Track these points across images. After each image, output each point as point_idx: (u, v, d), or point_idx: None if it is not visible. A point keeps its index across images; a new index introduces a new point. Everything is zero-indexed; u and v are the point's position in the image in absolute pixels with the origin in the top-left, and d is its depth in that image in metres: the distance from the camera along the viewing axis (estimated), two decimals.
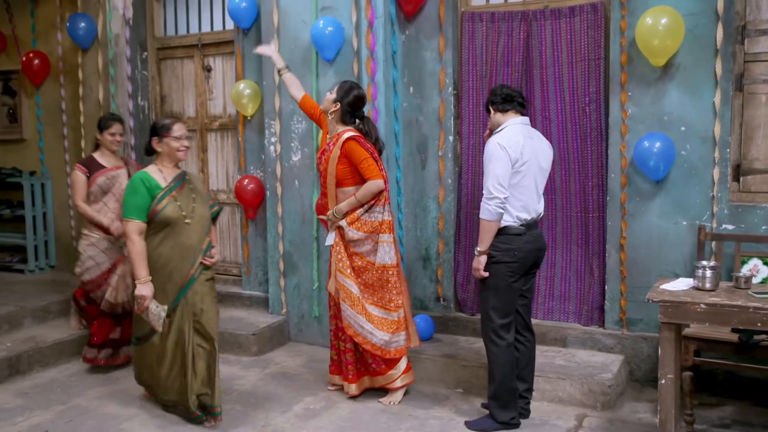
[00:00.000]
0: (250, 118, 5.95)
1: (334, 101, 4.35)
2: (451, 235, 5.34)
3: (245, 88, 5.78)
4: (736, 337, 3.77)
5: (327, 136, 4.48)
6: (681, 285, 3.54)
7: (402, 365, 4.43)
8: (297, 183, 5.52)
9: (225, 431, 4.07)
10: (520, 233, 3.85)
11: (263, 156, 5.85)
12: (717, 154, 4.43)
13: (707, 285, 3.44)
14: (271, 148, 5.64)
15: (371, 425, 4.11)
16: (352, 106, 4.34)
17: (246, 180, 5.90)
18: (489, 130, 4.06)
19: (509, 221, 3.83)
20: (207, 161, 6.53)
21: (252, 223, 6.08)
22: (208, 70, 6.45)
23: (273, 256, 5.73)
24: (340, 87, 4.37)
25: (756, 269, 4.28)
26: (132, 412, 4.35)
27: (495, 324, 3.89)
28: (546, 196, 4.87)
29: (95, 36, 6.52)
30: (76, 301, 5.42)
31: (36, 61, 6.91)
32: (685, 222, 4.54)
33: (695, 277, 3.49)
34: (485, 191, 3.77)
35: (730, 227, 4.44)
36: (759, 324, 3.18)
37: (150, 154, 4.12)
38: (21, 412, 4.37)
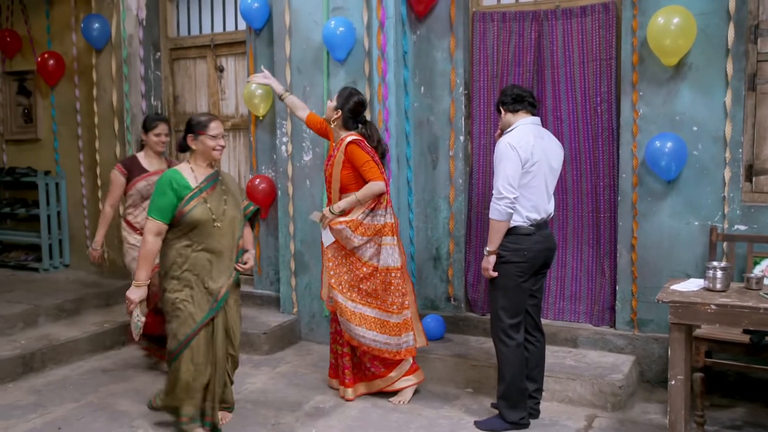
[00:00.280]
0: (261, 118, 5.98)
1: (335, 109, 4.38)
2: (462, 235, 5.34)
3: (257, 88, 5.80)
4: (747, 339, 3.75)
5: (333, 144, 4.51)
6: (691, 286, 3.52)
7: (404, 367, 4.43)
8: (308, 183, 5.54)
9: (235, 429, 4.09)
10: (529, 233, 3.84)
11: (275, 156, 5.88)
12: (728, 154, 4.40)
13: (718, 286, 3.42)
14: (283, 148, 5.67)
15: (380, 425, 4.12)
16: (353, 111, 4.37)
17: (257, 180, 5.93)
18: (500, 130, 4.06)
19: (519, 221, 3.83)
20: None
21: (263, 223, 6.11)
22: (220, 70, 6.49)
23: (284, 255, 5.76)
24: (339, 95, 4.41)
25: None
26: (144, 409, 4.37)
27: (504, 324, 3.89)
28: (557, 196, 4.87)
29: (109, 37, 6.59)
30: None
31: (51, 62, 6.98)
32: (697, 222, 4.52)
33: (706, 278, 3.47)
34: (495, 191, 3.77)
35: (742, 228, 4.41)
36: None
37: (184, 150, 3.90)
38: (34, 409, 4.41)
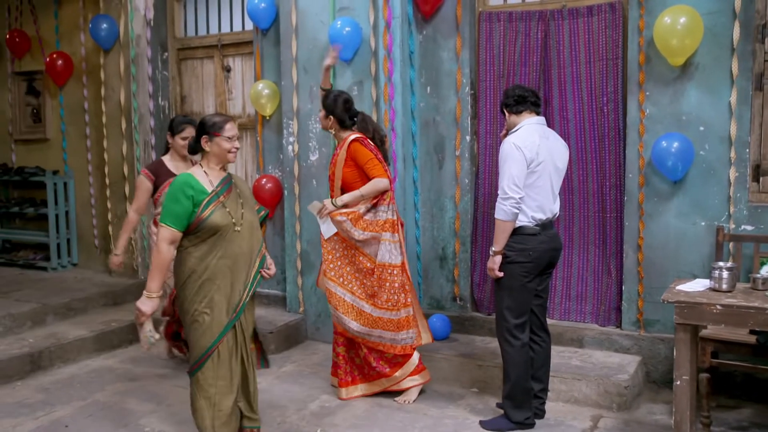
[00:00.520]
0: (268, 117, 5.99)
1: (326, 116, 4.41)
2: (468, 235, 5.34)
3: (264, 88, 5.83)
4: (753, 339, 3.73)
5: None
6: (697, 286, 3.52)
7: (410, 367, 4.43)
8: (315, 182, 5.56)
9: None
10: (535, 233, 3.84)
11: (281, 155, 5.89)
12: (733, 154, 4.39)
13: (724, 286, 3.41)
14: (289, 147, 5.68)
15: (386, 424, 4.13)
16: (345, 110, 4.39)
17: (264, 179, 5.95)
18: (505, 130, 4.06)
19: (524, 221, 3.82)
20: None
21: (270, 222, 6.12)
22: (227, 70, 6.51)
23: (290, 254, 5.77)
24: (323, 103, 4.43)
25: None
26: (151, 407, 4.41)
27: (509, 324, 3.89)
28: (563, 196, 4.87)
29: (117, 37, 6.63)
30: (168, 327, 4.92)
31: (59, 62, 7.02)
32: (704, 223, 4.51)
33: (712, 278, 3.46)
34: (500, 191, 3.77)
35: (749, 228, 4.40)
36: None
37: (194, 152, 3.68)
38: (42, 407, 4.44)
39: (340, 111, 4.37)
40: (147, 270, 6.72)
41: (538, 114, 3.97)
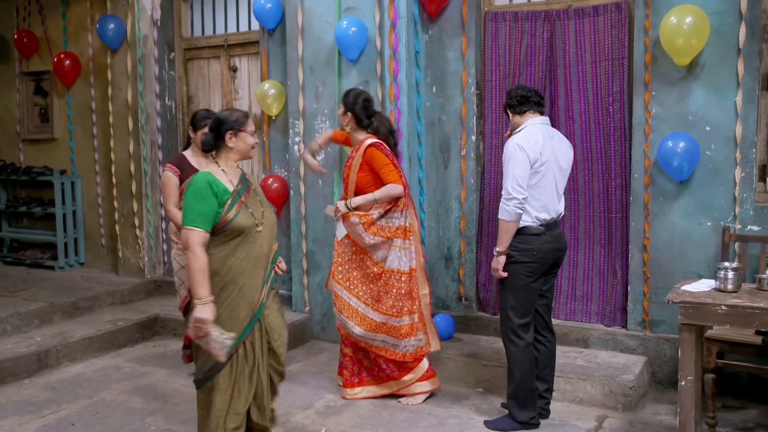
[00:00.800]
0: (274, 117, 6.01)
1: (344, 113, 4.40)
2: (473, 235, 5.34)
3: (270, 88, 5.84)
4: (759, 340, 3.73)
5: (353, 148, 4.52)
6: (702, 286, 3.50)
7: (419, 372, 4.42)
8: (320, 182, 5.57)
9: None
10: (539, 233, 3.84)
11: (287, 155, 5.91)
12: (739, 154, 4.37)
13: (729, 286, 3.40)
14: (295, 147, 5.69)
15: (390, 423, 4.13)
16: (364, 109, 4.38)
17: (270, 179, 5.96)
18: (510, 130, 4.05)
19: (528, 221, 3.82)
20: None
21: (276, 222, 6.12)
22: (233, 70, 6.53)
23: (296, 254, 5.79)
24: (344, 100, 4.43)
25: None
26: (156, 406, 4.43)
27: (514, 324, 3.89)
28: (569, 196, 4.87)
29: (124, 37, 6.66)
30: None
31: (67, 62, 7.06)
32: (710, 223, 4.50)
33: (717, 279, 3.45)
34: (504, 192, 3.77)
35: (755, 228, 4.38)
36: None
37: (210, 150, 3.47)
38: (48, 405, 4.47)
39: (359, 109, 4.36)
40: (153, 269, 6.80)
41: (541, 114, 3.96)
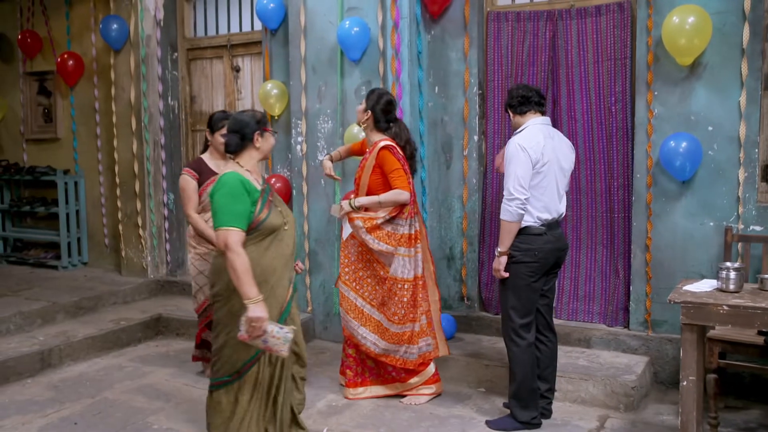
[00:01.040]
0: (277, 117, 6.01)
1: (365, 110, 4.37)
2: (476, 235, 5.34)
3: (273, 88, 5.84)
4: (761, 340, 3.72)
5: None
6: (704, 286, 3.50)
7: (425, 376, 4.43)
8: (323, 182, 5.57)
9: None
10: (540, 233, 3.84)
11: (290, 155, 5.91)
12: (743, 154, 4.37)
13: (731, 286, 3.40)
14: (298, 147, 5.70)
15: (392, 423, 4.14)
16: (384, 111, 4.36)
17: (273, 179, 5.96)
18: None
19: (530, 221, 3.82)
20: None
21: None
22: (236, 70, 6.54)
23: (299, 254, 5.79)
24: (368, 97, 4.40)
25: None
26: (158, 405, 4.43)
27: (515, 324, 3.89)
28: (571, 196, 4.87)
29: (127, 37, 6.67)
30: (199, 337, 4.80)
31: (70, 62, 7.08)
32: (712, 223, 4.49)
33: (719, 279, 3.45)
34: (506, 192, 3.77)
35: (757, 229, 4.38)
36: None
37: (235, 152, 3.39)
38: (51, 404, 4.48)
39: (379, 110, 4.34)
40: (156, 269, 6.81)
41: (542, 114, 3.97)
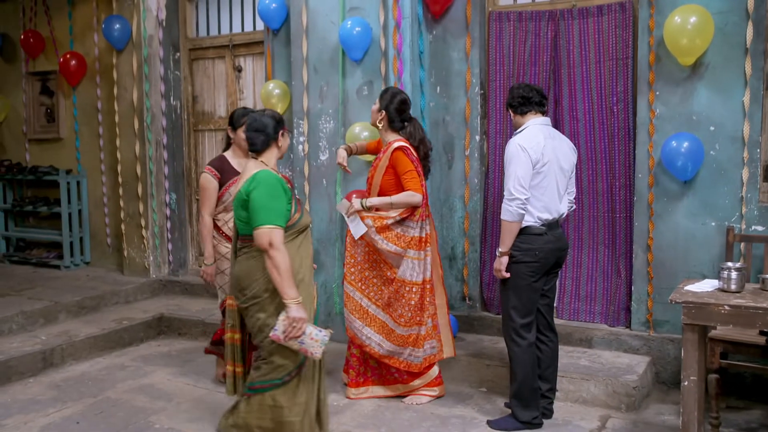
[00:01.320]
0: None
1: (379, 110, 4.36)
2: (477, 235, 5.34)
3: (274, 88, 5.85)
4: (763, 340, 3.71)
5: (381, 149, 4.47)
6: (706, 286, 3.50)
7: (427, 378, 4.42)
8: (324, 182, 5.57)
9: None
10: (541, 233, 3.84)
11: (291, 155, 5.91)
12: (746, 154, 4.36)
13: (732, 286, 3.40)
14: (300, 147, 5.70)
15: (393, 423, 4.14)
16: (398, 110, 4.34)
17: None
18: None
19: (530, 221, 3.83)
20: None
21: None
22: (238, 70, 6.55)
23: None
24: (382, 96, 4.39)
25: None
26: (160, 405, 4.44)
27: (516, 324, 3.89)
28: (573, 196, 4.85)
29: (129, 37, 6.68)
30: (215, 344, 4.69)
31: (73, 62, 7.10)
32: (714, 223, 4.49)
33: (720, 279, 3.44)
34: (506, 192, 3.77)
35: (759, 228, 4.37)
36: None
37: (261, 150, 3.34)
38: (53, 403, 4.49)
39: (393, 110, 4.33)
40: (158, 269, 6.82)
41: (543, 114, 3.97)
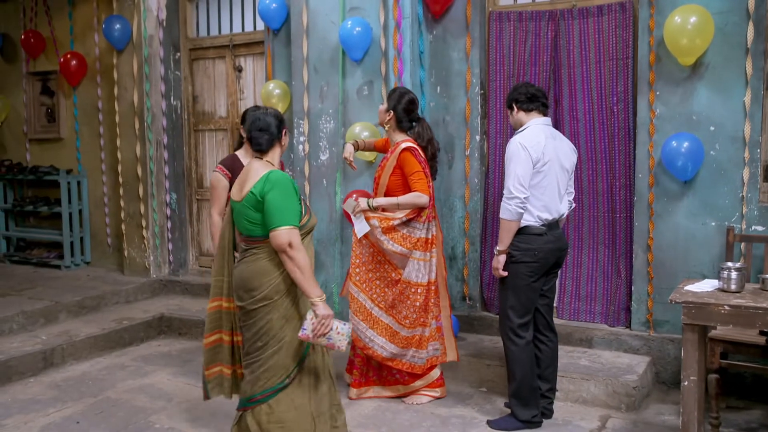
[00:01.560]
0: None
1: (387, 110, 4.35)
2: (477, 235, 5.34)
3: (275, 88, 5.85)
4: (763, 340, 3.71)
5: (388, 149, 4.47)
6: (706, 286, 3.50)
7: (429, 380, 4.42)
8: (325, 182, 5.57)
9: None
10: (541, 233, 3.84)
11: (292, 155, 5.91)
12: (747, 154, 4.36)
13: (732, 286, 3.39)
14: (300, 147, 5.70)
15: (393, 423, 4.14)
16: (405, 110, 4.34)
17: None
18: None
19: (530, 221, 3.83)
20: None
21: None
22: (239, 70, 6.55)
23: None
24: (390, 96, 4.39)
25: None
26: (161, 405, 4.44)
27: (513, 323, 3.90)
28: (573, 196, 4.85)
29: (130, 37, 6.69)
30: None
31: (73, 62, 7.10)
32: (714, 223, 4.49)
33: (720, 279, 3.44)
34: (506, 191, 3.78)
35: (759, 229, 4.37)
36: None
37: (266, 150, 3.30)
38: (53, 403, 4.49)
39: (401, 110, 4.32)
40: (158, 268, 6.82)
41: (545, 115, 3.98)
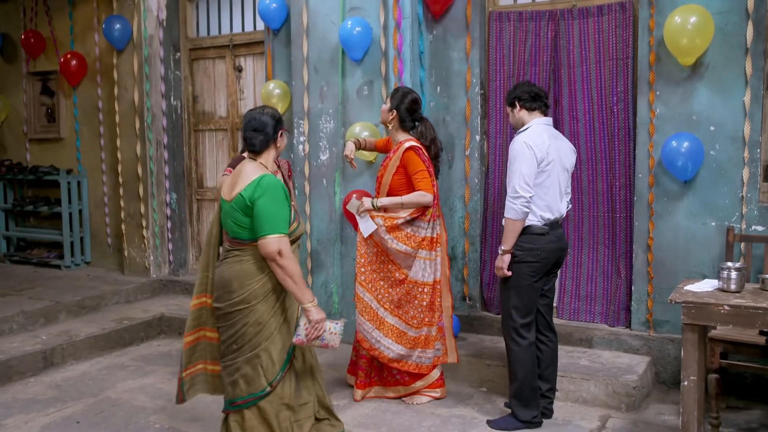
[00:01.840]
0: None
1: (390, 110, 4.35)
2: (477, 235, 5.34)
3: (275, 87, 5.85)
4: (763, 340, 3.71)
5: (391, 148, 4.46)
6: (706, 286, 3.50)
7: (429, 380, 4.42)
8: (325, 182, 5.57)
9: None
10: (543, 233, 3.85)
11: (292, 155, 5.91)
12: (747, 154, 4.37)
13: (732, 286, 3.39)
14: (300, 147, 5.70)
15: (393, 422, 4.14)
16: (409, 110, 4.33)
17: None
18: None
19: (533, 221, 3.83)
20: None
21: None
22: (239, 70, 6.55)
23: (301, 254, 5.79)
24: (393, 96, 4.38)
25: None
26: (161, 404, 4.44)
27: (516, 323, 3.90)
28: (573, 195, 4.86)
29: (130, 37, 6.69)
30: None
31: (73, 62, 7.10)
32: (714, 223, 4.49)
33: (720, 279, 3.44)
34: (510, 190, 3.77)
35: (759, 228, 4.37)
36: None
37: (261, 151, 3.27)
38: (53, 403, 4.49)
39: (404, 109, 4.32)
40: (158, 268, 6.82)
41: (546, 115, 3.99)
